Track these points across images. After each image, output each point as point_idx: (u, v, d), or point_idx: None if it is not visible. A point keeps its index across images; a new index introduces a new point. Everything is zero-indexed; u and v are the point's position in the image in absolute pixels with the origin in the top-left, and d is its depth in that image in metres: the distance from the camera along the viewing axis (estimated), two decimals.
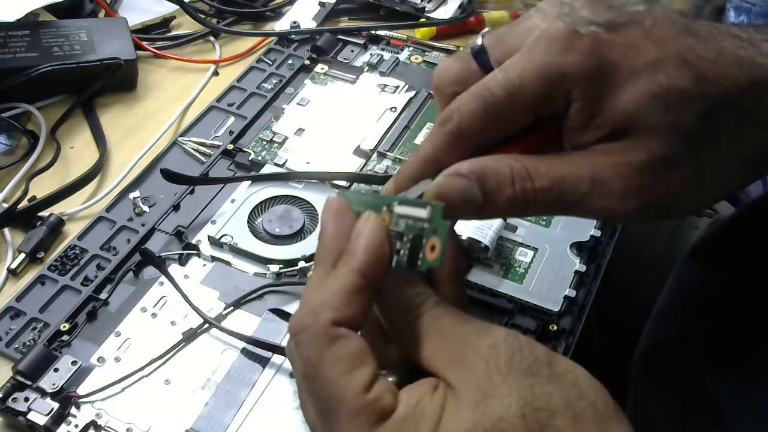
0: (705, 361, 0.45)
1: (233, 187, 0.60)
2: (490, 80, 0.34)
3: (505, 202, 0.33)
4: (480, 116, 0.34)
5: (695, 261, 0.50)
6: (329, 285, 0.31)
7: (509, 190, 0.33)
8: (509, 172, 0.33)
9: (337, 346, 0.29)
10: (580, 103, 0.33)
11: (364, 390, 0.29)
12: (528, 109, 0.34)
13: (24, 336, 0.51)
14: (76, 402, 0.47)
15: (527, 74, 0.33)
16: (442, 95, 0.37)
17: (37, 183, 0.61)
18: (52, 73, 0.66)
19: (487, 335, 0.30)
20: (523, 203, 0.33)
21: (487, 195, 0.33)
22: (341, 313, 0.30)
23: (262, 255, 0.55)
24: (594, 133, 0.33)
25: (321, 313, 0.30)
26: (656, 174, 0.33)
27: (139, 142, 0.66)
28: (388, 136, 0.65)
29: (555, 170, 0.33)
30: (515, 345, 0.29)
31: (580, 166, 0.33)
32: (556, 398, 0.28)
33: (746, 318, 0.44)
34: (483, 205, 0.33)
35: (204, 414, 0.47)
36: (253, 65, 0.73)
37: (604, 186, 0.33)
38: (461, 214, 0.33)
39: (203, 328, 0.51)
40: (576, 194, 0.33)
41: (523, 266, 0.55)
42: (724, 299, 0.46)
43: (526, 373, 0.28)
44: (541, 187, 0.33)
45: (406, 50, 0.74)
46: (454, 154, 0.35)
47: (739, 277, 0.46)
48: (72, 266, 0.55)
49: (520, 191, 0.33)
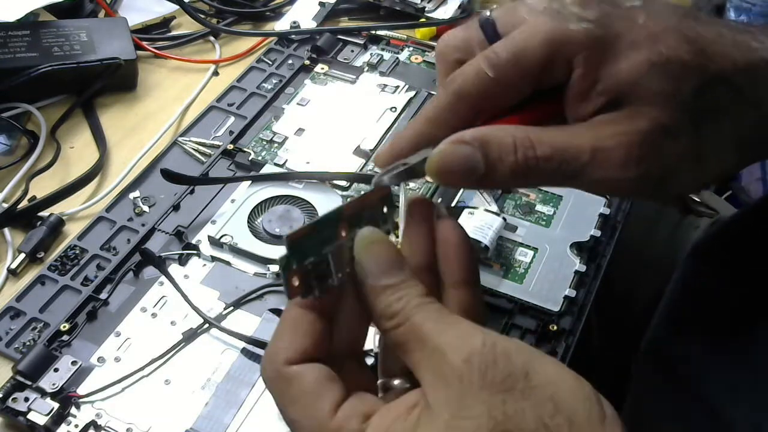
0: (705, 361, 0.45)
1: (233, 187, 0.60)
2: (497, 45, 0.35)
3: (507, 170, 0.33)
4: (484, 78, 0.34)
5: (697, 260, 0.50)
6: (278, 328, 0.32)
7: (511, 158, 0.33)
8: (512, 140, 0.33)
9: (294, 385, 0.30)
10: (582, 70, 0.34)
11: (328, 419, 0.29)
12: (531, 73, 0.34)
13: (24, 336, 0.51)
14: (76, 402, 0.47)
15: (533, 39, 0.34)
16: (445, 62, 0.37)
17: (37, 183, 0.61)
18: (52, 73, 0.66)
19: (463, 348, 0.29)
20: (524, 172, 0.33)
21: (489, 163, 0.33)
22: (290, 351, 0.31)
23: (262, 255, 0.55)
24: (595, 101, 0.34)
25: (276, 357, 0.31)
26: (656, 143, 0.33)
27: (139, 142, 0.66)
28: (388, 136, 0.65)
29: (557, 139, 0.33)
30: (489, 358, 0.28)
31: (582, 136, 0.34)
32: (528, 416, 0.27)
33: (746, 318, 0.44)
34: (485, 173, 0.33)
35: (204, 414, 0.47)
36: (253, 65, 0.73)
37: (605, 155, 0.33)
38: (462, 183, 0.34)
39: (203, 328, 0.51)
40: (577, 163, 0.33)
41: (523, 266, 0.55)
42: (724, 299, 0.46)
43: (499, 389, 0.27)
44: (543, 155, 0.33)
45: (406, 50, 0.74)
46: (456, 117, 0.35)
47: (739, 278, 0.46)
48: (72, 266, 0.55)
49: (522, 159, 0.33)
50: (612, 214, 0.58)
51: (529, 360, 0.28)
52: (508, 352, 0.28)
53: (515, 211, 0.59)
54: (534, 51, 0.34)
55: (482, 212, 0.55)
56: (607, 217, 0.58)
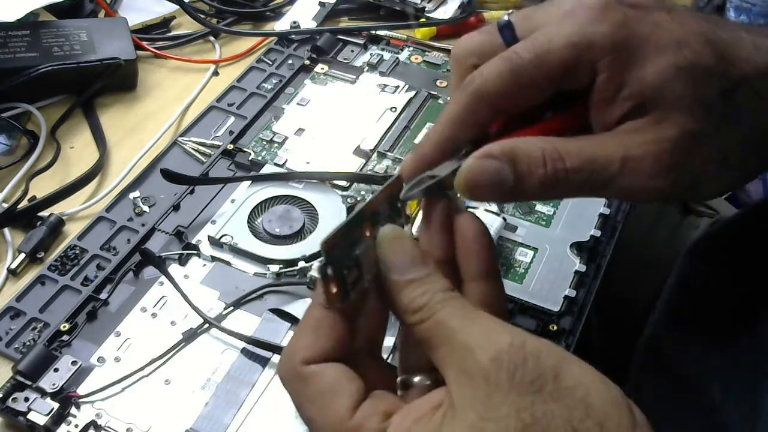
0: (703, 360, 0.45)
1: (233, 187, 0.60)
2: (518, 45, 0.34)
3: (537, 183, 0.33)
4: (505, 78, 0.34)
5: (695, 259, 0.50)
6: (300, 326, 0.32)
7: (541, 170, 0.32)
8: (541, 153, 0.33)
9: (311, 384, 0.30)
10: (607, 74, 0.33)
11: (347, 418, 0.29)
12: (554, 76, 0.34)
13: (24, 336, 0.51)
14: (76, 402, 0.47)
15: (556, 40, 0.34)
16: (461, 66, 0.37)
17: (37, 183, 0.61)
18: (52, 73, 0.66)
19: (490, 346, 0.28)
20: (553, 184, 0.33)
21: (518, 176, 0.32)
22: (310, 350, 0.31)
23: (262, 255, 0.55)
24: (621, 106, 0.33)
25: (294, 356, 0.31)
26: (685, 150, 0.33)
27: (139, 142, 0.66)
28: (388, 136, 0.65)
29: (586, 150, 0.33)
30: (518, 358, 0.27)
31: (610, 145, 0.33)
32: (557, 419, 0.26)
33: (745, 318, 0.44)
34: (514, 186, 0.33)
35: (204, 414, 0.47)
36: (253, 65, 0.73)
37: (634, 164, 0.33)
38: (492, 197, 0.33)
39: (203, 328, 0.51)
40: (607, 174, 0.33)
41: (523, 266, 0.55)
42: (723, 298, 0.46)
43: (528, 390, 0.27)
44: (573, 167, 0.33)
45: (406, 50, 0.74)
46: (476, 117, 0.35)
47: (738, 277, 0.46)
48: (72, 266, 0.55)
49: (551, 171, 0.33)
50: (612, 214, 0.58)
51: (559, 361, 0.28)
52: (537, 351, 0.28)
53: (515, 211, 0.59)
54: (557, 53, 0.33)
55: (482, 212, 0.55)
56: (607, 217, 0.58)
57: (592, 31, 0.33)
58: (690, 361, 0.46)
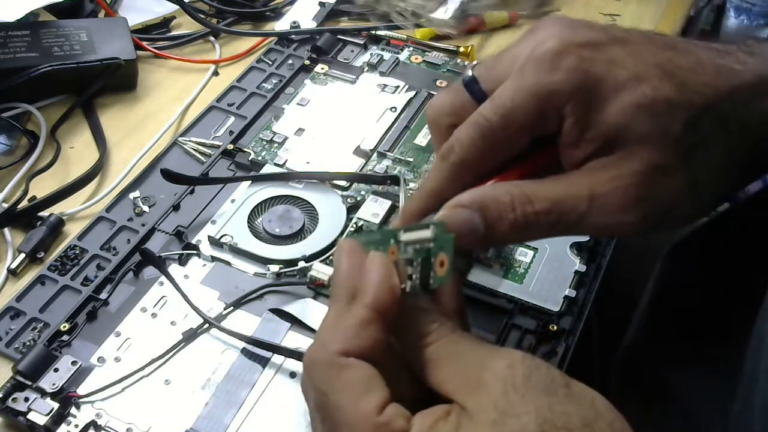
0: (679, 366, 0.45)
1: (233, 187, 0.60)
2: (484, 107, 0.36)
3: (508, 228, 0.34)
4: (479, 144, 0.35)
5: (673, 262, 0.50)
6: (342, 320, 0.32)
7: (510, 216, 0.34)
8: (509, 199, 0.34)
9: (345, 374, 0.30)
10: (572, 119, 0.34)
11: (375, 414, 0.29)
12: (523, 130, 0.35)
13: (24, 336, 0.51)
14: (76, 402, 0.47)
15: (518, 96, 0.35)
16: (438, 128, 0.38)
17: (37, 183, 0.61)
18: (52, 73, 0.66)
19: (504, 356, 0.30)
20: (524, 227, 0.34)
21: (489, 223, 0.34)
22: (349, 344, 0.31)
23: (262, 255, 0.55)
24: (587, 147, 0.34)
25: (330, 345, 0.31)
26: (652, 183, 0.33)
27: (139, 142, 0.66)
28: (388, 136, 0.65)
29: (554, 192, 0.34)
30: (532, 364, 0.29)
31: (578, 184, 0.34)
32: (574, 417, 0.28)
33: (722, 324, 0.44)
34: (486, 233, 0.34)
35: (204, 414, 0.47)
36: (253, 65, 0.73)
37: (602, 201, 0.34)
38: (466, 244, 0.34)
39: (203, 328, 0.51)
40: (576, 213, 0.34)
41: (523, 266, 0.55)
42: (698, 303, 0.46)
43: (544, 392, 0.28)
44: (542, 209, 0.34)
45: (406, 50, 0.74)
46: (457, 185, 0.36)
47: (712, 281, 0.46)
48: (72, 266, 0.55)
49: (521, 216, 0.34)
50: None
51: (564, 374, 0.30)
52: (546, 363, 0.30)
53: None
54: (522, 109, 0.35)
55: None
56: None
57: (549, 80, 0.34)
58: (667, 363, 0.46)
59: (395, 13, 0.76)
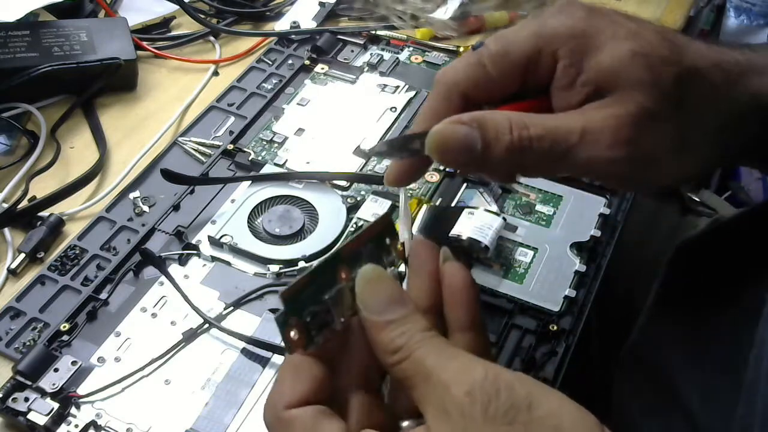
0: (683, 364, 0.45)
1: (233, 187, 0.60)
2: (488, 39, 0.37)
3: (504, 149, 0.34)
4: (474, 67, 0.37)
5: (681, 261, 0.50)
6: (280, 374, 0.33)
7: (507, 137, 0.34)
8: (507, 122, 0.34)
9: (292, 427, 0.31)
10: (567, 61, 0.36)
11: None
12: (519, 65, 0.37)
13: (24, 336, 0.51)
14: (76, 402, 0.47)
15: (521, 33, 0.37)
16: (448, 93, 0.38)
17: (37, 183, 0.61)
18: (52, 73, 0.66)
19: (465, 380, 0.29)
20: (519, 151, 0.34)
21: (486, 142, 0.34)
22: (288, 396, 0.31)
23: (262, 255, 0.55)
24: (580, 91, 0.36)
25: (274, 403, 0.32)
26: (643, 125, 0.34)
27: (139, 142, 0.66)
28: (388, 136, 0.65)
29: (549, 122, 0.35)
30: (492, 390, 0.28)
31: (572, 119, 0.35)
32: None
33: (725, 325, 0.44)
34: (482, 153, 0.34)
35: (204, 414, 0.47)
36: (253, 65, 0.73)
37: (594, 136, 0.34)
38: (460, 161, 0.34)
39: (203, 328, 0.51)
40: (567, 143, 0.34)
41: (523, 266, 0.55)
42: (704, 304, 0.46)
43: (502, 422, 0.27)
44: (536, 135, 0.34)
45: (406, 50, 0.74)
46: (450, 106, 0.37)
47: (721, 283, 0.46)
48: (72, 266, 0.55)
49: (517, 139, 0.34)
50: (612, 214, 0.58)
51: (531, 391, 0.28)
52: (510, 384, 0.28)
53: (515, 211, 0.59)
54: (521, 44, 0.36)
55: (482, 212, 0.55)
56: (607, 217, 0.58)
57: (553, 22, 0.36)
58: (670, 366, 0.46)
59: (394, 16, 0.76)
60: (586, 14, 0.36)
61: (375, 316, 0.32)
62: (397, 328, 0.31)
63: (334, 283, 0.32)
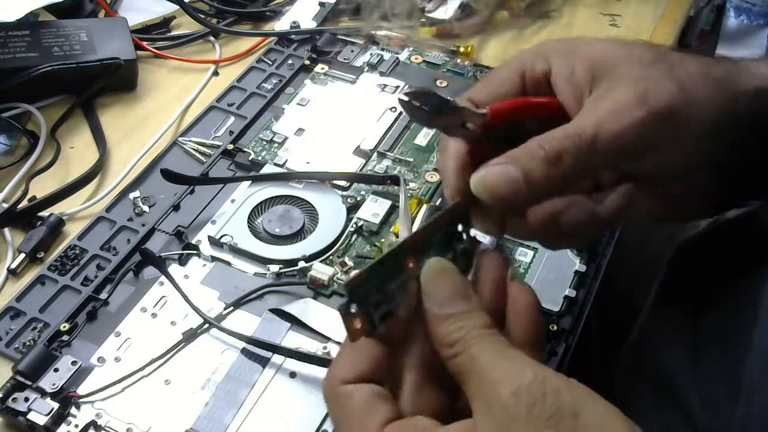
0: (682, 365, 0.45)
1: (233, 187, 0.60)
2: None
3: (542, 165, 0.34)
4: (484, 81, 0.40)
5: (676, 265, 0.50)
6: (342, 349, 0.33)
7: (541, 153, 0.34)
8: (534, 143, 0.35)
9: (346, 401, 0.32)
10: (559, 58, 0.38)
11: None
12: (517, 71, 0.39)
13: (24, 336, 0.51)
14: (76, 402, 0.47)
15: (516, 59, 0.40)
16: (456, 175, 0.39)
17: (37, 183, 0.61)
18: (52, 73, 0.66)
19: (513, 381, 0.29)
20: (556, 160, 0.34)
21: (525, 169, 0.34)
22: (347, 371, 0.32)
23: (262, 255, 0.55)
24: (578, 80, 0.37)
25: (332, 377, 0.32)
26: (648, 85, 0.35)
27: (139, 142, 0.66)
28: (388, 136, 0.65)
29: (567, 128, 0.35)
30: (538, 393, 0.28)
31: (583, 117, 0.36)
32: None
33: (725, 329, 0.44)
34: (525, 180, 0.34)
35: (204, 414, 0.47)
36: (253, 65, 0.73)
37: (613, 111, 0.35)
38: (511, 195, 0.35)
39: (203, 328, 0.51)
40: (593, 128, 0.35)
41: (523, 266, 0.55)
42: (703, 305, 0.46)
43: (545, 425, 0.28)
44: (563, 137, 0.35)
45: (406, 50, 0.74)
46: None
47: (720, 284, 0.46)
48: (72, 266, 0.55)
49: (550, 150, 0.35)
50: None
51: (579, 398, 0.28)
52: (557, 388, 0.29)
53: None
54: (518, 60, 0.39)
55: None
56: None
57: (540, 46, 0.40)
58: (670, 367, 0.46)
59: (384, 37, 0.76)
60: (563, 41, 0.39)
61: (437, 308, 0.32)
62: (456, 322, 0.32)
63: (401, 272, 0.33)
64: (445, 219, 0.35)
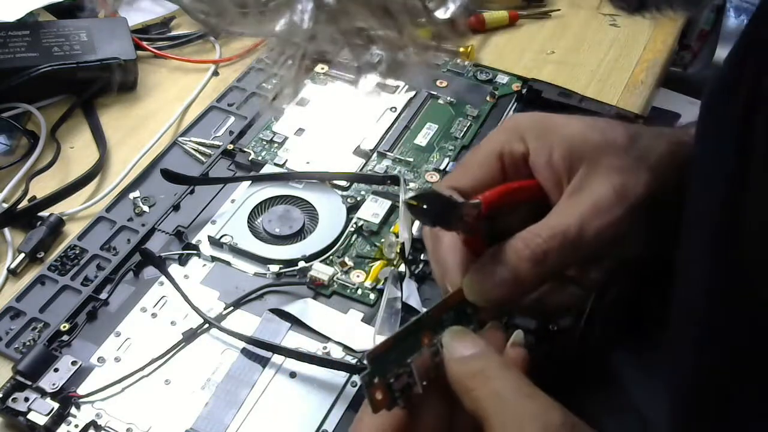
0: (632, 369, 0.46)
1: (233, 187, 0.60)
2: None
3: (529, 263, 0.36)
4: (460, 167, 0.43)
5: None
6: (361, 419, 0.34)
7: (527, 252, 0.36)
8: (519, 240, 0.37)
9: None
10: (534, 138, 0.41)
11: None
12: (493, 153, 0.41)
13: (24, 336, 0.51)
14: (76, 402, 0.47)
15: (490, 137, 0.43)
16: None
17: (37, 183, 0.61)
18: (52, 73, 0.66)
19: (542, 419, 0.29)
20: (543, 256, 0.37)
21: (512, 267, 0.36)
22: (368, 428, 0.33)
23: (262, 255, 0.55)
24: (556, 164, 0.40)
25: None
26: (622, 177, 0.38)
27: (139, 142, 0.66)
28: (388, 136, 0.65)
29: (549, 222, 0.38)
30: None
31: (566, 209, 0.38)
32: None
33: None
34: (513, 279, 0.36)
35: (204, 414, 0.47)
36: (253, 65, 0.73)
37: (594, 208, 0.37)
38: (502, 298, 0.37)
39: (203, 328, 0.51)
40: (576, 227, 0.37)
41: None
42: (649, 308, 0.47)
43: None
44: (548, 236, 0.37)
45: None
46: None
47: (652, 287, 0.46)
48: (72, 266, 0.55)
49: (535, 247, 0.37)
50: None
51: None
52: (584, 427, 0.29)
53: None
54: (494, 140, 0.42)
55: None
56: None
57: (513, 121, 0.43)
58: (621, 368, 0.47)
59: None
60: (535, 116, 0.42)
61: (458, 354, 0.33)
62: (477, 360, 0.33)
63: (417, 347, 0.34)
64: (453, 300, 0.37)
